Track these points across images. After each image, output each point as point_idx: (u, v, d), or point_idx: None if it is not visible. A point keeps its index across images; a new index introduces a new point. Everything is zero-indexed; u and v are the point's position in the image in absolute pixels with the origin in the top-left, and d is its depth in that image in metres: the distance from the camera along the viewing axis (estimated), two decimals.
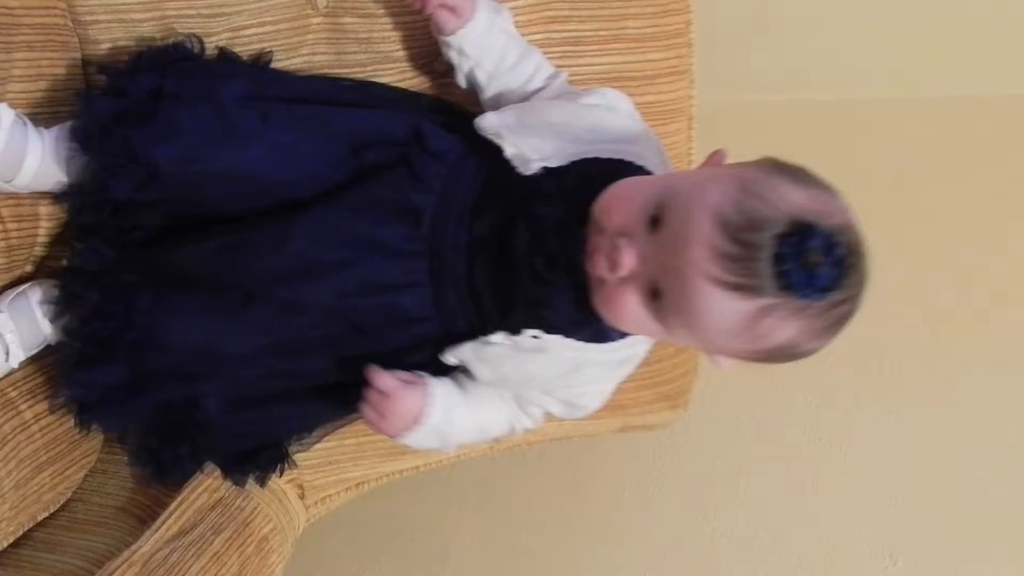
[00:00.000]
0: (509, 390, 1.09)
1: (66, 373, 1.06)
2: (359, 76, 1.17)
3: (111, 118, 1.01)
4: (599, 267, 0.92)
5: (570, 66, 1.19)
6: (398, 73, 1.18)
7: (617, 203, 0.93)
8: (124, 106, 1.02)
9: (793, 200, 0.85)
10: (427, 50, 1.17)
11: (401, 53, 1.17)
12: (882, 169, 1.61)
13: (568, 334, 1.00)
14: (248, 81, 1.07)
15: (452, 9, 1.06)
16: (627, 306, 0.92)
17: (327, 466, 1.27)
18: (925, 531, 1.48)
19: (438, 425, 1.04)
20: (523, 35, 1.17)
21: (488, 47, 1.09)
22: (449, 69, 1.13)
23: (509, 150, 1.00)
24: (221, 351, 1.05)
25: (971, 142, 1.64)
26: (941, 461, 1.51)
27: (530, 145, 1.00)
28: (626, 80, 1.21)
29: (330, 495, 1.30)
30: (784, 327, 0.87)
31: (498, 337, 1.00)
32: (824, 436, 1.54)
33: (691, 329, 0.91)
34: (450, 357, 1.02)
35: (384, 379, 1.01)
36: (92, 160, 1.01)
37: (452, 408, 1.05)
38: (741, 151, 0.99)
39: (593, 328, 1.00)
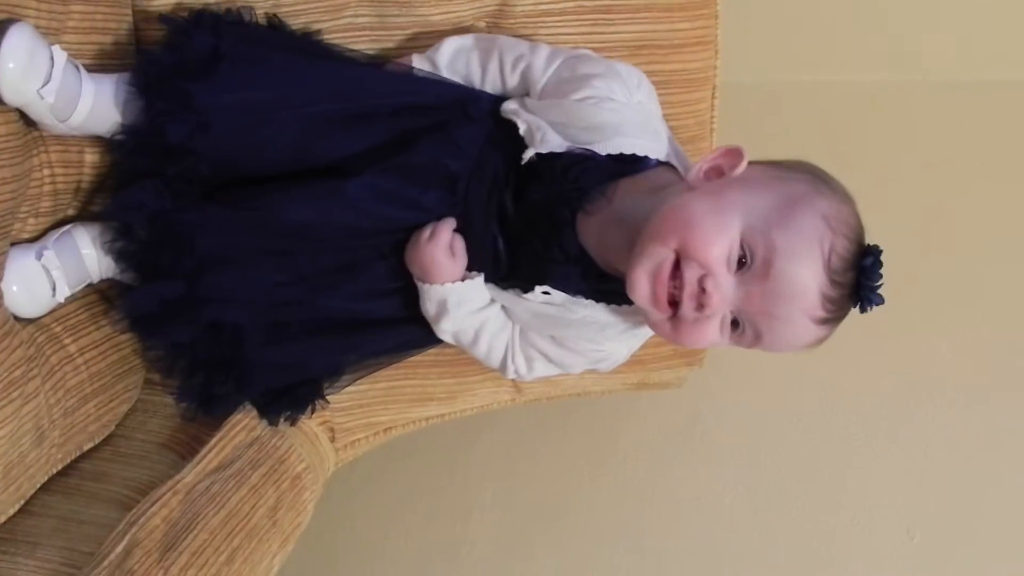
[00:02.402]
0: (518, 321, 1.14)
1: (124, 292, 1.13)
2: (399, 38, 1.22)
3: (170, 68, 1.06)
4: (685, 307, 0.95)
5: (600, 33, 1.24)
6: (435, 37, 1.21)
7: (696, 239, 0.94)
8: (183, 58, 1.07)
9: (853, 223, 0.95)
10: (465, 15, 1.22)
11: (440, 17, 1.21)
12: (907, 153, 1.64)
13: (574, 295, 1.08)
14: (300, 53, 1.14)
15: None
16: (707, 337, 0.98)
17: (357, 409, 1.33)
18: (944, 507, 1.52)
19: (444, 299, 1.09)
20: (557, 2, 1.23)
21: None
22: None
23: (522, 127, 1.07)
24: (269, 279, 1.11)
25: (1003, 127, 1.67)
26: (961, 437, 1.54)
27: (538, 126, 1.06)
28: (654, 48, 1.26)
29: (359, 439, 1.35)
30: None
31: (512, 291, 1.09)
32: (843, 411, 1.58)
33: (769, 350, 0.99)
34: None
35: (445, 229, 1.06)
36: (149, 105, 1.06)
37: (478, 293, 1.10)
38: (761, 127, 1.03)
39: (601, 292, 1.07)
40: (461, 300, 1.09)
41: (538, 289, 1.07)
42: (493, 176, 1.07)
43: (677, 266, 0.95)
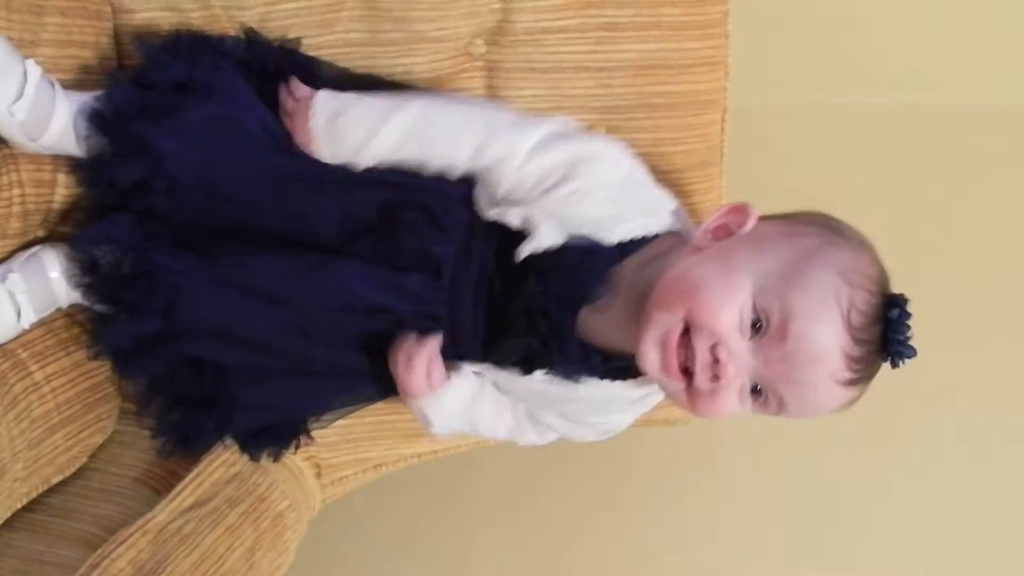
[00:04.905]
0: (519, 397, 1.10)
1: (98, 328, 1.07)
2: (393, 54, 1.16)
3: (133, 110, 1.02)
4: (699, 379, 0.91)
5: (605, 51, 1.19)
6: (431, 54, 1.17)
7: (705, 306, 0.90)
8: (149, 99, 1.03)
9: (872, 273, 0.90)
10: (463, 31, 1.17)
11: (436, 33, 1.16)
12: (922, 176, 1.58)
13: (577, 380, 1.02)
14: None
15: None
16: (726, 408, 0.92)
17: (344, 444, 1.27)
18: (962, 548, 1.46)
19: (432, 405, 1.06)
20: (559, 19, 1.18)
21: None
22: None
23: (515, 221, 0.99)
24: (245, 329, 1.06)
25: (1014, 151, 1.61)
26: (980, 477, 1.49)
27: (531, 216, 0.99)
28: (661, 68, 1.20)
29: (347, 475, 1.29)
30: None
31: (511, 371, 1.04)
32: (856, 448, 1.51)
33: (797, 417, 0.93)
34: (467, 367, 1.06)
35: (420, 344, 1.02)
36: (105, 145, 1.02)
37: (459, 393, 1.07)
38: (772, 150, 0.98)
39: (603, 372, 1.02)
40: (440, 407, 1.06)
41: (538, 373, 1.02)
42: (480, 264, 1.01)
43: (687, 333, 0.91)
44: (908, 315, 0.89)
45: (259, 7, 1.12)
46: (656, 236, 1.01)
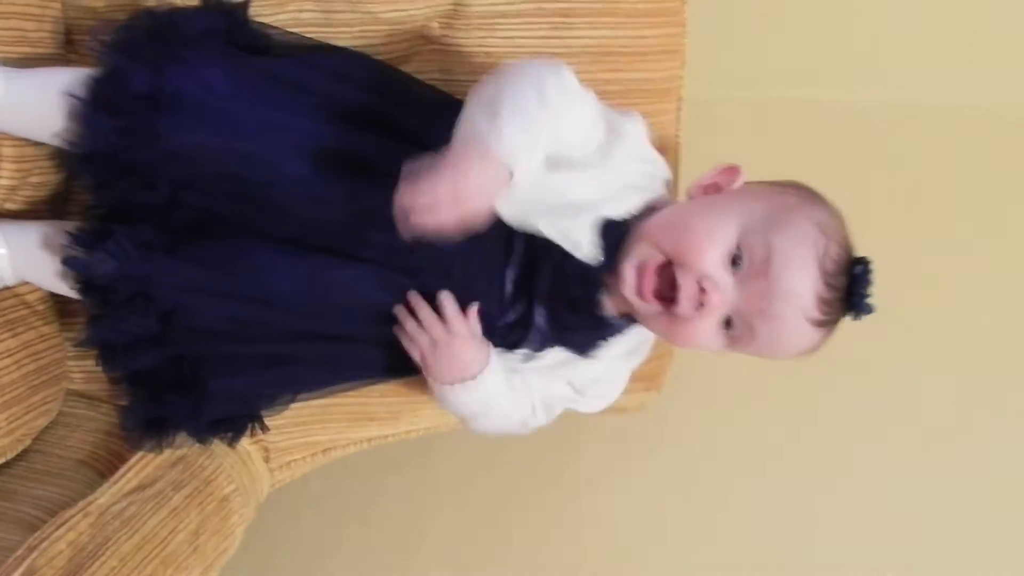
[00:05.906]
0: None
1: (89, 322, 1.04)
2: (345, 35, 1.15)
3: (109, 148, 0.98)
4: (682, 306, 0.96)
5: (560, 37, 1.18)
6: (385, 36, 1.17)
7: (693, 243, 0.96)
8: (123, 126, 0.98)
9: (844, 233, 0.98)
10: (417, 14, 1.16)
11: (390, 15, 1.15)
12: (873, 173, 1.59)
13: (586, 350, 1.07)
14: (249, 77, 1.03)
15: None
16: (702, 335, 0.99)
17: (293, 428, 1.25)
18: (917, 546, 1.47)
19: (485, 393, 1.05)
20: (514, 4, 1.17)
21: None
22: None
23: (555, 236, 1.00)
24: (239, 332, 1.04)
25: (964, 151, 1.61)
26: (934, 472, 1.49)
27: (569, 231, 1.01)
28: (616, 55, 1.20)
29: (296, 459, 1.28)
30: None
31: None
32: (807, 443, 1.52)
33: (765, 353, 1.00)
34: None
35: (458, 319, 1.01)
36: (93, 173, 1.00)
37: (503, 381, 1.06)
38: (728, 144, 0.99)
39: (602, 332, 1.07)
40: (496, 383, 1.05)
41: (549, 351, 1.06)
42: (492, 251, 1.01)
43: (669, 266, 0.97)
44: (871, 275, 0.97)
45: None
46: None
